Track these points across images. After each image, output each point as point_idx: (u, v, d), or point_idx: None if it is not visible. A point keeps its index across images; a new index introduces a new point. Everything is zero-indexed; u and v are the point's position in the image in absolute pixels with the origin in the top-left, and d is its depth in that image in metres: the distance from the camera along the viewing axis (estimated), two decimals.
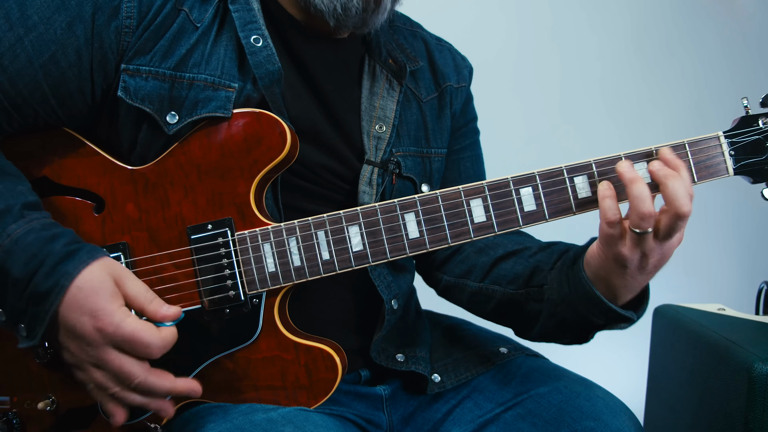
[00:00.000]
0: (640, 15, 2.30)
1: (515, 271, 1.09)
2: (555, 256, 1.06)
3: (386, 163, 1.08)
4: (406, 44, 1.19)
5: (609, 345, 1.72)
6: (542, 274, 1.05)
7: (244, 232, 0.95)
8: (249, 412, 0.92)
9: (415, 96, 1.17)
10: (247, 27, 0.98)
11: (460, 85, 1.25)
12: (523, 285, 1.07)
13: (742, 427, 1.19)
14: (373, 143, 1.09)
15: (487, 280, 1.13)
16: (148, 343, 0.83)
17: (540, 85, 2.27)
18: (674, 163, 0.89)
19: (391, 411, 1.10)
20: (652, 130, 2.30)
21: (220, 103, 0.95)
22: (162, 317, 0.86)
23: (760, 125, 0.93)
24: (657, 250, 0.88)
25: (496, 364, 1.13)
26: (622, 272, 0.90)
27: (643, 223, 0.85)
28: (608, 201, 0.88)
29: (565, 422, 0.96)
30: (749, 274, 2.25)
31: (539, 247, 1.11)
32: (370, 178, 1.06)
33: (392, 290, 1.08)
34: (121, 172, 0.97)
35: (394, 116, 1.11)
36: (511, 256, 1.12)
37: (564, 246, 1.08)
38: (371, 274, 1.06)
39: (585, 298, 0.95)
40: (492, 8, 2.21)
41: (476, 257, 1.17)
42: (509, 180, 0.93)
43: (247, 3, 1.00)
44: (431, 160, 1.17)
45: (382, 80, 1.12)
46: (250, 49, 0.97)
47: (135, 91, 0.94)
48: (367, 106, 1.10)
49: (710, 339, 1.34)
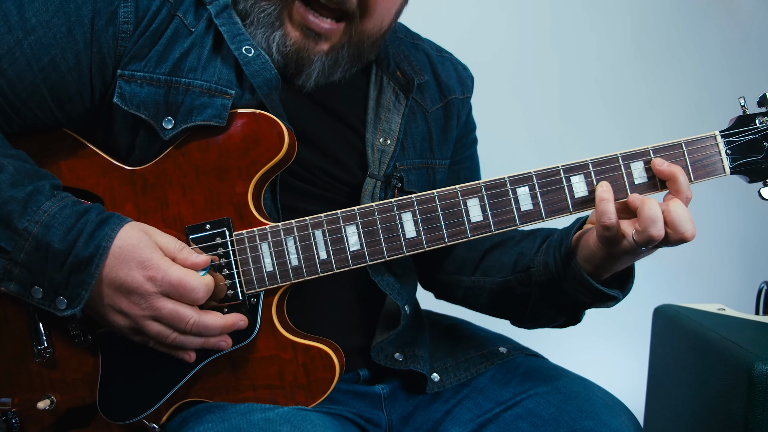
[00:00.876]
0: (640, 15, 2.30)
1: (502, 260, 1.12)
2: (539, 240, 1.09)
3: (389, 177, 1.09)
4: (411, 56, 1.20)
5: (609, 345, 1.72)
6: (528, 258, 1.07)
7: (242, 232, 0.95)
8: (247, 412, 0.92)
9: (420, 107, 1.17)
10: (236, 39, 0.98)
11: (465, 96, 1.25)
12: (511, 271, 1.09)
13: (742, 427, 1.19)
14: (377, 156, 1.09)
15: (478, 272, 1.16)
16: (194, 287, 0.88)
17: (539, 85, 2.27)
18: (669, 173, 0.89)
19: (390, 410, 1.10)
20: (651, 130, 2.29)
21: (216, 111, 0.95)
22: (192, 264, 0.91)
23: (757, 124, 0.93)
24: (651, 251, 0.91)
25: (496, 363, 1.13)
26: (613, 265, 0.94)
27: (650, 242, 0.86)
28: (605, 204, 0.89)
29: (564, 422, 0.97)
30: (749, 274, 2.24)
31: (522, 235, 1.14)
32: (372, 191, 1.07)
33: (403, 297, 1.09)
34: (120, 172, 0.98)
35: (399, 130, 1.11)
36: (497, 247, 1.15)
37: (547, 231, 1.11)
38: (380, 284, 1.06)
39: (572, 277, 0.97)
40: (492, 8, 2.21)
41: (466, 253, 1.19)
42: (506, 180, 0.94)
43: (230, 17, 0.99)
44: (435, 171, 1.18)
45: (388, 92, 1.12)
46: (243, 59, 0.97)
47: (130, 98, 0.94)
48: (372, 117, 1.10)
49: (710, 339, 1.34)
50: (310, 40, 0.98)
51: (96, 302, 0.88)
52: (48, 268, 0.85)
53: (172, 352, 0.93)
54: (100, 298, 0.88)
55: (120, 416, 0.95)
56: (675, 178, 0.89)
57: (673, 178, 0.89)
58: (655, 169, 0.91)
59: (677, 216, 0.85)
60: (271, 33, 0.97)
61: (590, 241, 0.94)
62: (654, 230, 0.85)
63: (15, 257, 0.84)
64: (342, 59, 1.02)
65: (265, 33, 0.97)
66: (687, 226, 0.85)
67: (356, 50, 1.02)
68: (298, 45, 0.98)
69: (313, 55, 0.99)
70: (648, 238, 0.85)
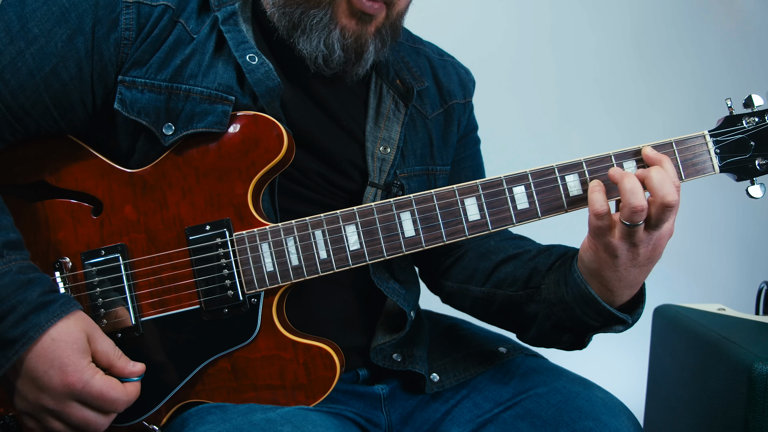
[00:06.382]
0: (640, 15, 2.30)
1: (515, 274, 1.10)
2: (553, 257, 1.06)
3: (390, 185, 1.09)
4: (412, 62, 1.20)
5: (609, 345, 1.72)
6: (540, 275, 1.05)
7: (242, 233, 0.96)
8: (248, 412, 0.92)
9: (420, 114, 1.17)
10: (241, 47, 0.98)
11: (466, 100, 1.25)
12: (522, 287, 1.07)
13: (742, 427, 1.19)
14: (377, 165, 1.09)
15: (489, 284, 1.13)
16: (115, 399, 0.85)
17: (539, 84, 2.27)
18: (656, 158, 0.90)
19: (390, 410, 1.10)
20: (651, 129, 2.29)
21: (217, 118, 0.95)
22: (129, 373, 0.89)
23: (744, 124, 0.95)
24: (647, 240, 0.89)
25: (495, 363, 1.13)
26: (614, 263, 0.91)
27: (634, 216, 0.86)
28: (596, 194, 0.90)
29: (564, 422, 0.96)
30: (749, 274, 2.24)
31: (538, 250, 1.11)
32: (373, 199, 1.07)
33: (409, 302, 1.09)
34: (119, 174, 0.98)
35: (399, 138, 1.11)
36: (511, 260, 1.12)
37: (563, 249, 1.08)
38: (386, 291, 1.07)
39: (580, 298, 0.95)
40: (491, 8, 2.21)
41: (478, 262, 1.17)
42: (502, 179, 0.95)
43: (236, 24, 1.00)
44: (436, 177, 1.18)
45: (388, 101, 1.12)
46: (247, 67, 0.97)
47: (131, 104, 0.95)
48: (372, 126, 1.11)
49: (710, 339, 1.33)
50: (363, 25, 1.00)
51: (7, 377, 0.85)
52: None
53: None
54: (13, 376, 0.84)
55: (120, 418, 0.95)
56: (661, 163, 0.89)
57: (660, 164, 0.89)
58: (644, 155, 0.92)
59: (656, 180, 0.86)
60: (327, 34, 0.99)
61: (586, 242, 0.93)
62: (635, 200, 0.85)
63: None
64: (386, 38, 1.04)
65: (321, 36, 0.99)
66: (667, 189, 0.85)
67: (392, 29, 1.05)
68: (356, 33, 1.00)
69: (368, 38, 1.01)
70: (631, 209, 0.85)
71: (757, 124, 0.95)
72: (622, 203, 0.87)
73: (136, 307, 0.97)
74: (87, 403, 0.85)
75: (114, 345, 0.89)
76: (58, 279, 0.96)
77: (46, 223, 0.98)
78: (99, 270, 0.97)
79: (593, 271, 0.93)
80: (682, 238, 1.52)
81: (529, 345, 1.15)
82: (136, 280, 0.97)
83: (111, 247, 0.97)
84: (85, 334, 0.86)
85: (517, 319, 1.10)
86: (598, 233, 0.90)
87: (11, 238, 0.86)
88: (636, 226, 0.87)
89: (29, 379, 0.83)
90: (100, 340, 0.88)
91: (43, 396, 0.83)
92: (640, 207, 0.85)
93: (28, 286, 0.83)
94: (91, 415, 0.86)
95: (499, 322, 1.16)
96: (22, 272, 0.84)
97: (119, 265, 0.96)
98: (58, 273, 0.96)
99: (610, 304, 0.94)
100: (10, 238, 0.86)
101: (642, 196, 0.86)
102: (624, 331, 0.99)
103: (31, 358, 0.82)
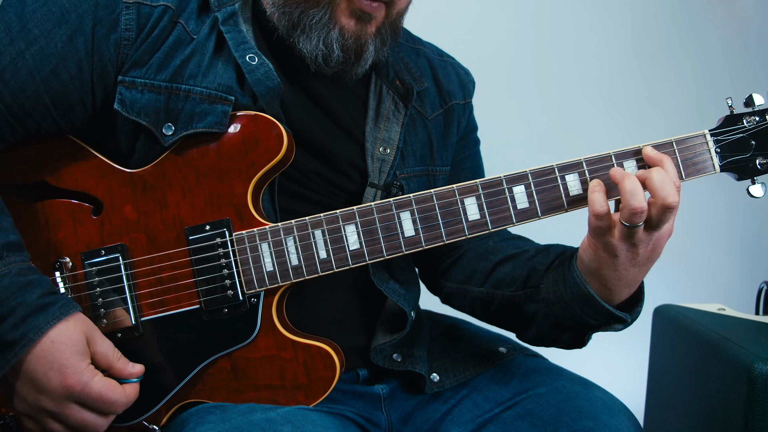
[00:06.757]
0: (640, 15, 2.30)
1: (514, 274, 1.10)
2: (551, 257, 1.06)
3: (389, 186, 1.09)
4: (411, 63, 1.20)
5: (609, 345, 1.72)
6: (539, 275, 1.05)
7: (241, 233, 0.96)
8: (247, 412, 0.92)
9: (420, 114, 1.17)
10: (241, 47, 0.99)
11: (466, 101, 1.25)
12: (521, 286, 1.08)
13: (742, 427, 1.18)
14: (377, 165, 1.09)
15: (488, 284, 1.13)
16: (114, 401, 0.86)
17: (539, 84, 2.27)
18: (657, 158, 0.90)
19: (390, 410, 1.10)
20: (651, 129, 2.29)
21: (217, 118, 0.95)
22: (128, 375, 0.89)
23: (744, 124, 0.95)
24: (646, 241, 0.89)
25: (495, 363, 1.13)
26: (613, 263, 0.91)
27: (634, 217, 0.86)
28: (596, 194, 0.90)
29: (564, 422, 0.97)
30: (749, 274, 2.24)
31: (537, 249, 1.11)
32: (372, 200, 1.07)
33: (410, 302, 1.09)
34: (119, 174, 0.98)
35: (398, 139, 1.11)
36: (510, 260, 1.13)
37: (561, 248, 1.08)
38: (386, 291, 1.07)
39: (579, 297, 0.95)
40: (491, 8, 2.21)
41: (476, 263, 1.17)
42: (502, 179, 0.95)
43: (236, 25, 1.00)
44: (435, 178, 1.18)
45: (388, 101, 1.13)
46: (247, 67, 0.97)
47: (131, 104, 0.95)
48: (372, 126, 1.11)
49: (710, 339, 1.33)
50: (362, 24, 1.00)
51: (6, 379, 0.85)
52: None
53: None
54: (12, 378, 0.85)
55: (119, 418, 0.95)
56: (662, 164, 0.89)
57: (660, 164, 0.89)
58: (645, 155, 0.92)
59: (657, 181, 0.86)
60: (326, 34, 0.99)
61: (585, 241, 0.94)
62: (635, 201, 0.85)
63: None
64: (385, 38, 1.04)
65: (320, 35, 0.99)
66: (668, 190, 0.85)
67: (392, 28, 1.05)
68: (355, 33, 1.00)
69: (368, 38, 1.01)
70: (631, 211, 0.85)
71: (758, 124, 0.95)
72: (622, 204, 0.87)
73: (135, 307, 0.97)
74: (86, 404, 0.85)
75: (113, 347, 0.89)
76: (58, 279, 0.96)
77: (46, 223, 0.98)
78: (99, 270, 0.97)
79: (592, 271, 0.93)
80: (682, 238, 1.52)
81: (528, 344, 1.15)
82: (136, 280, 0.97)
83: (111, 247, 0.97)
84: (85, 335, 0.86)
85: (516, 318, 1.10)
86: (597, 233, 0.90)
87: (11, 239, 0.87)
88: (636, 227, 0.87)
89: (28, 381, 0.83)
90: (100, 342, 0.88)
91: (42, 398, 0.84)
92: (640, 209, 0.85)
93: (28, 288, 0.83)
94: (90, 417, 0.86)
95: (498, 322, 1.16)
96: (21, 274, 0.84)
97: (119, 265, 0.96)
98: (58, 273, 0.96)
99: (609, 303, 0.95)
100: (9, 239, 0.86)
101: (642, 198, 0.86)
102: (623, 330, 0.99)
103: (30, 360, 0.82)
